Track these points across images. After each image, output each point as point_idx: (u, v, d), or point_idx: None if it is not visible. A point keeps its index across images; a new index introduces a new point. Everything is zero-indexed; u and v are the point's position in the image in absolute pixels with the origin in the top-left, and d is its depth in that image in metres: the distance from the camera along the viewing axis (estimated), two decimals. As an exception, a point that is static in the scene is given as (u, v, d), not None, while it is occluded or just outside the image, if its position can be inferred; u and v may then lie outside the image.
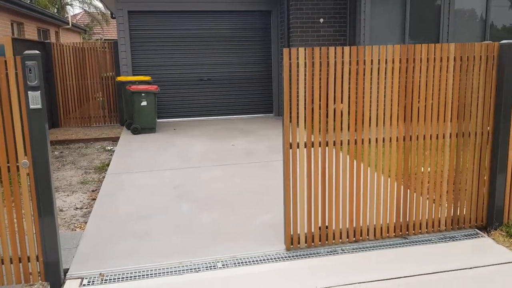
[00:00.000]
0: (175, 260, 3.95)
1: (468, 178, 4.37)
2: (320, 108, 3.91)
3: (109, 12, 19.51)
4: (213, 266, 3.85)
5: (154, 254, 4.06)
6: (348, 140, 4.04)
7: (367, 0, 9.32)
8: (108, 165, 7.39)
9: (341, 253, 4.02)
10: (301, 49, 3.81)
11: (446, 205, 4.38)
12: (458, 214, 4.42)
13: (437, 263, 3.80)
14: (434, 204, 4.37)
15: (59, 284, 3.62)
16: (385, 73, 4.00)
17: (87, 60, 11.23)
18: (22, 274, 3.60)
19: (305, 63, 3.85)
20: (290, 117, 3.90)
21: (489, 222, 4.42)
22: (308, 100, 3.91)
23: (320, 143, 3.99)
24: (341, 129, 3.98)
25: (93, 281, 3.65)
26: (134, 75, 10.92)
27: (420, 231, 4.34)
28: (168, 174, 6.59)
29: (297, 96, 3.87)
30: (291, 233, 4.08)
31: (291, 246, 4.09)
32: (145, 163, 7.31)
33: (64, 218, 5.20)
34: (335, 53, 3.87)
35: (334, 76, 3.90)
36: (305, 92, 3.87)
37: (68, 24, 21.84)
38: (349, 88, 3.97)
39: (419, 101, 4.13)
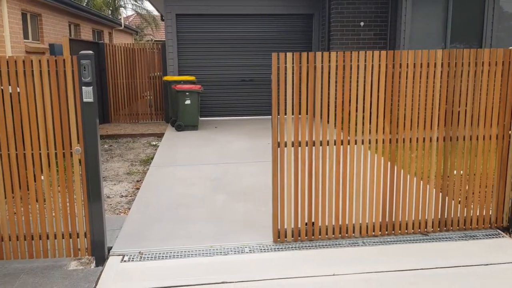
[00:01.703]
0: (207, 244, 4.31)
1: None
2: (307, 109, 4.13)
3: (159, 14, 20.34)
4: (241, 250, 4.18)
5: (189, 238, 4.44)
6: (335, 141, 4.22)
7: (408, 4, 9.40)
8: (152, 158, 7.89)
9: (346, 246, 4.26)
10: (289, 54, 4.03)
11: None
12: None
13: (455, 258, 3.97)
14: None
15: (103, 259, 4.05)
16: (372, 77, 4.15)
17: (136, 60, 11.88)
18: (72, 249, 4.06)
19: (293, 67, 4.07)
20: (278, 117, 4.11)
21: (510, 223, 4.51)
22: (296, 102, 4.10)
23: (307, 142, 4.19)
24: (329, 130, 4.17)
25: (133, 258, 4.06)
26: (180, 75, 11.45)
27: (406, 231, 4.44)
28: (207, 168, 6.99)
29: (285, 99, 4.09)
30: (278, 227, 4.31)
31: (278, 239, 4.33)
32: (186, 157, 7.76)
33: (111, 204, 5.69)
34: (322, 58, 4.07)
35: (322, 80, 4.09)
36: (292, 95, 4.08)
37: (121, 25, 22.87)
38: (335, 91, 4.13)
39: (398, 106, 4.27)
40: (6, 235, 3.98)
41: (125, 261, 4.03)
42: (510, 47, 4.31)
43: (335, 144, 4.24)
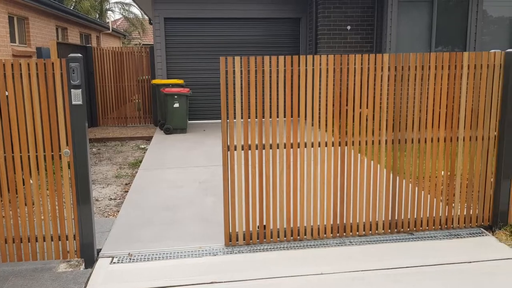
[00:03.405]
0: (196, 244, 4.34)
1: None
2: (256, 112, 4.17)
3: (147, 18, 20.32)
4: (230, 252, 4.22)
5: (178, 239, 4.47)
6: (285, 144, 4.26)
7: (394, 8, 9.55)
8: (141, 161, 7.90)
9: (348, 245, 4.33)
10: (237, 58, 4.06)
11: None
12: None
13: (439, 256, 4.05)
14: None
15: (92, 261, 4.07)
16: (320, 80, 4.19)
17: (125, 63, 11.88)
18: (61, 251, 4.07)
19: (241, 71, 4.10)
20: (227, 121, 4.15)
21: (494, 222, 4.62)
22: (245, 106, 4.13)
23: (257, 146, 4.23)
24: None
25: (122, 260, 4.09)
26: (168, 78, 11.48)
27: (357, 233, 4.48)
28: (196, 171, 7.02)
29: (234, 102, 4.13)
30: (230, 231, 4.34)
31: (230, 243, 4.35)
32: (175, 160, 7.79)
33: (99, 207, 5.69)
34: (270, 62, 4.12)
35: (270, 84, 4.12)
36: (241, 98, 4.12)
37: (108, 29, 22.81)
38: (284, 94, 4.16)
39: (346, 107, 4.32)
40: (-5, 238, 3.98)
41: (114, 262, 4.05)
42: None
43: (285, 147, 4.26)
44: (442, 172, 4.59)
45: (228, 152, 4.21)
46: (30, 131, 3.87)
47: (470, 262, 3.95)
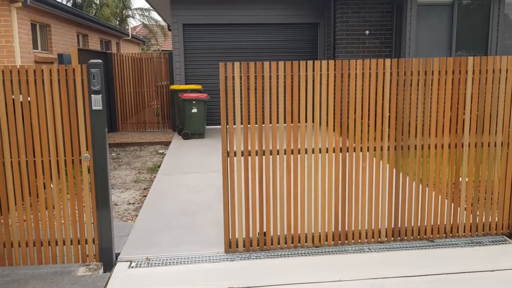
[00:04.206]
0: (214, 250, 4.34)
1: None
2: (256, 118, 4.12)
3: (166, 24, 20.53)
4: (248, 257, 4.20)
5: (196, 244, 4.48)
6: (285, 150, 4.21)
7: (413, 13, 9.46)
8: (159, 166, 7.95)
9: (367, 251, 4.27)
10: (237, 64, 4.03)
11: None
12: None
13: (461, 264, 3.97)
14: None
15: (111, 265, 4.10)
16: (320, 86, 4.14)
17: (144, 69, 12.01)
18: (80, 255, 4.11)
19: (241, 76, 4.07)
20: (227, 127, 4.11)
21: (517, 230, 4.52)
22: (245, 112, 4.10)
23: (257, 152, 4.19)
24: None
25: (140, 264, 4.11)
26: (186, 84, 11.56)
27: (359, 240, 4.40)
28: (214, 176, 7.03)
29: (234, 108, 4.11)
30: (230, 237, 4.30)
31: (230, 249, 4.30)
32: (193, 165, 7.82)
33: (118, 211, 5.74)
34: (270, 67, 4.08)
35: (270, 89, 4.09)
36: (241, 104, 4.08)
37: (128, 35, 23.11)
38: (284, 100, 4.12)
39: (348, 115, 4.30)
40: (16, 242, 4.04)
41: (132, 267, 4.07)
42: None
43: (285, 153, 4.22)
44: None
45: (228, 158, 4.19)
46: (51, 136, 3.93)
47: (493, 270, 3.86)
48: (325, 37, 11.56)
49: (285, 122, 4.19)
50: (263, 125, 4.21)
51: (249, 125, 4.12)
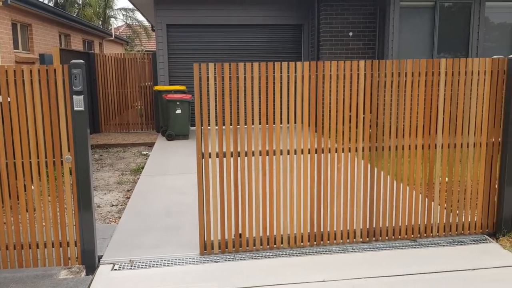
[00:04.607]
0: (197, 251, 4.32)
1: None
2: (231, 119, 4.11)
3: (150, 25, 20.41)
4: (232, 258, 4.19)
5: (179, 246, 4.45)
6: (260, 151, 4.22)
7: (396, 15, 9.55)
8: (143, 167, 7.89)
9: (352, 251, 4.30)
10: (211, 65, 4.03)
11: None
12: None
13: (442, 263, 4.02)
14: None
15: (94, 268, 4.05)
16: (295, 87, 4.16)
17: (127, 70, 11.92)
18: (62, 257, 4.05)
19: (215, 77, 4.07)
20: (201, 128, 4.09)
21: (498, 229, 4.59)
22: (219, 113, 4.10)
23: (232, 153, 4.18)
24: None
25: (123, 267, 4.07)
26: (170, 84, 11.49)
27: (335, 241, 4.41)
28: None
29: (208, 109, 4.10)
30: (205, 239, 4.28)
31: (205, 252, 4.27)
32: (177, 166, 7.78)
33: (101, 213, 5.68)
34: (245, 68, 4.08)
35: (245, 90, 4.09)
36: (216, 105, 4.09)
37: (111, 36, 22.92)
38: (259, 101, 4.12)
39: (323, 116, 4.33)
40: (-4, 244, 3.97)
41: (115, 269, 4.03)
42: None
43: (260, 155, 4.22)
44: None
45: (203, 159, 4.17)
46: (32, 137, 3.86)
47: (474, 269, 3.91)
48: (309, 39, 11.61)
49: (260, 124, 4.19)
50: (238, 126, 4.21)
51: (224, 127, 4.10)
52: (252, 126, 4.21)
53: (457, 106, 4.41)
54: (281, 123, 4.21)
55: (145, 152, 9.59)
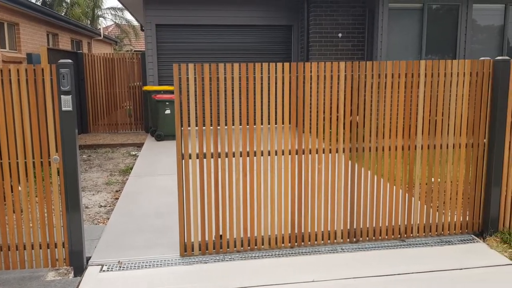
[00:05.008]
0: (176, 253, 4.30)
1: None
2: (211, 120, 4.11)
3: (139, 24, 20.31)
4: (221, 259, 4.19)
5: (168, 247, 4.43)
6: (241, 152, 4.21)
7: (384, 17, 9.62)
8: (132, 168, 7.84)
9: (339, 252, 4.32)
10: (191, 65, 4.02)
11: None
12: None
13: (430, 263, 4.05)
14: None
15: (82, 269, 4.01)
16: (275, 88, 4.18)
17: (116, 70, 11.84)
18: (49, 259, 4.01)
19: (195, 78, 4.06)
20: (181, 129, 4.08)
21: (485, 229, 4.64)
22: (199, 114, 4.09)
23: (212, 154, 4.17)
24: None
25: (112, 268, 4.04)
26: (160, 85, 11.45)
27: (316, 242, 4.43)
28: (187, 178, 6.98)
29: (188, 110, 4.09)
30: (185, 241, 4.26)
31: (185, 253, 4.25)
32: (166, 167, 7.75)
33: (89, 214, 5.64)
34: (225, 69, 4.08)
35: (225, 91, 4.08)
36: (196, 106, 4.08)
37: (100, 35, 22.76)
38: (240, 102, 4.12)
39: (304, 117, 4.37)
40: (-18, 246, 3.91)
41: (104, 270, 4.00)
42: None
43: (241, 156, 4.22)
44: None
45: (183, 160, 4.16)
46: (19, 138, 3.82)
47: (461, 269, 3.95)
48: (299, 39, 11.64)
49: (241, 124, 4.19)
50: (218, 127, 4.20)
51: (204, 127, 4.09)
52: (233, 127, 4.20)
53: (436, 108, 4.45)
54: (261, 124, 4.21)
55: (134, 153, 9.53)
